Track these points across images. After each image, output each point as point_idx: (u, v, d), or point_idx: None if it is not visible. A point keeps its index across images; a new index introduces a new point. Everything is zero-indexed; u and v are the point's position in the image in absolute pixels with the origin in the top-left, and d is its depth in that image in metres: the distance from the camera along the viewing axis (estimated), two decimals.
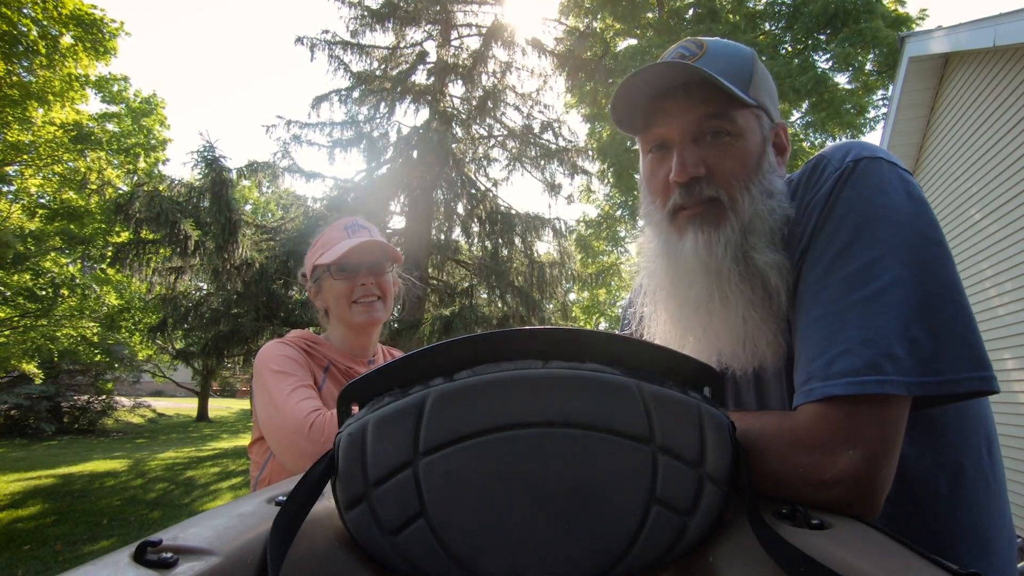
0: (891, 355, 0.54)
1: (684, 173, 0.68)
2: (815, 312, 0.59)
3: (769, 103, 0.73)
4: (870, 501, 0.53)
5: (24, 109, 9.44)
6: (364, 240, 1.26)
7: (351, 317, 1.26)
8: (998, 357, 4.56)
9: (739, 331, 0.67)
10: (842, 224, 0.60)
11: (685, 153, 0.69)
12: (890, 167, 0.62)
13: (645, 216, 0.78)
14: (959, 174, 5.14)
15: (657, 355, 0.50)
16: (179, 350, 13.76)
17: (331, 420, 1.01)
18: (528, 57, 9.96)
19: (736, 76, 0.69)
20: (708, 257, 0.68)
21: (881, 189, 0.60)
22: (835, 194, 0.62)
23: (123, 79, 11.35)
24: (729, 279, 0.67)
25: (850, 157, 0.63)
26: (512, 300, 8.63)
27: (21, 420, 11.98)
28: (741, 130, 0.69)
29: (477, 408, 0.46)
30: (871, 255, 0.58)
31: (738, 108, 0.69)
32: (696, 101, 0.69)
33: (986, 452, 0.67)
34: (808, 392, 0.57)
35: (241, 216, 7.65)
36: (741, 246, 0.67)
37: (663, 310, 0.77)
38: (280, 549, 0.41)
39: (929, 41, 5.20)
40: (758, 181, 0.69)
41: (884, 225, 0.59)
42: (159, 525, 5.51)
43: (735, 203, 0.68)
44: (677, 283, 0.72)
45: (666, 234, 0.73)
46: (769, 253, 0.66)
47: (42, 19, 8.73)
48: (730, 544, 0.47)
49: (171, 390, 25.88)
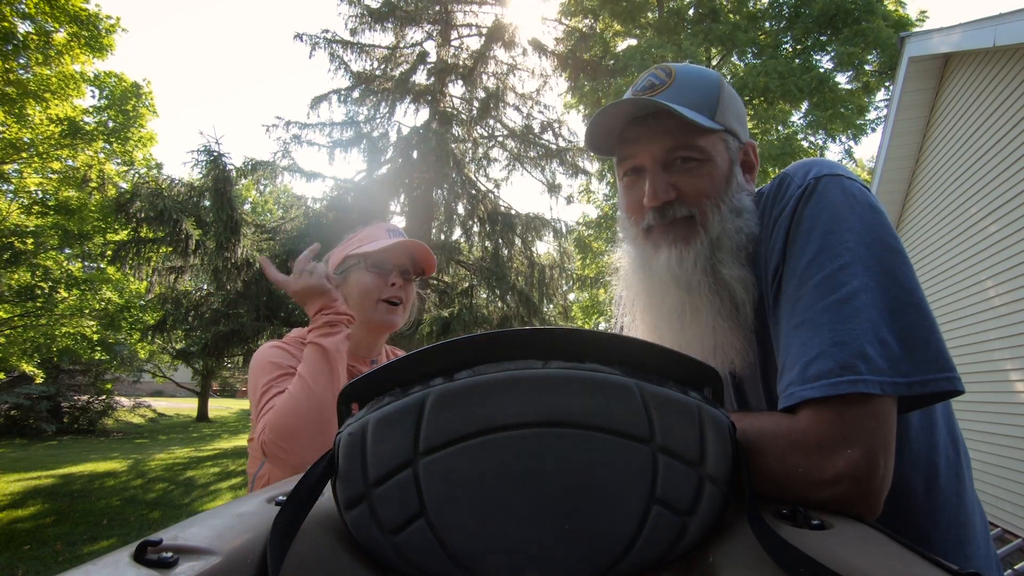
0: (863, 356, 0.56)
1: (656, 199, 0.74)
2: (793, 321, 0.62)
3: (737, 125, 0.78)
4: (870, 500, 0.54)
5: (22, 107, 9.43)
6: (407, 240, 1.26)
7: (373, 314, 1.23)
8: (998, 357, 4.56)
9: (709, 340, 0.72)
10: (809, 237, 0.63)
11: (656, 180, 0.74)
12: (849, 182, 0.66)
13: (622, 231, 0.84)
14: (959, 174, 5.14)
15: (657, 355, 0.50)
16: (179, 350, 13.77)
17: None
18: (528, 57, 9.95)
19: (702, 103, 0.74)
20: (679, 270, 0.73)
21: (842, 202, 0.64)
22: (799, 211, 0.65)
23: (115, 76, 11.34)
24: (699, 291, 0.72)
25: (811, 175, 0.67)
26: (512, 301, 8.63)
27: (21, 420, 11.99)
28: (709, 155, 0.74)
29: (477, 408, 0.46)
30: (838, 263, 0.60)
31: (704, 134, 0.74)
32: (664, 130, 0.74)
33: (953, 451, 0.70)
34: (788, 396, 0.59)
35: (242, 215, 7.65)
36: (710, 260, 0.72)
37: (640, 320, 0.82)
38: (280, 549, 0.41)
39: (929, 41, 5.20)
40: (727, 199, 0.74)
41: (848, 234, 0.62)
42: (159, 525, 5.51)
43: (705, 219, 0.73)
44: (651, 294, 0.77)
45: (641, 248, 0.79)
46: (735, 268, 0.71)
47: (35, 15, 8.71)
48: (730, 544, 0.47)
49: (171, 390, 25.89)
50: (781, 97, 9.28)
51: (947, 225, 5.37)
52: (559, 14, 11.38)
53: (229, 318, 7.56)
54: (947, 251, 5.35)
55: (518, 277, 9.15)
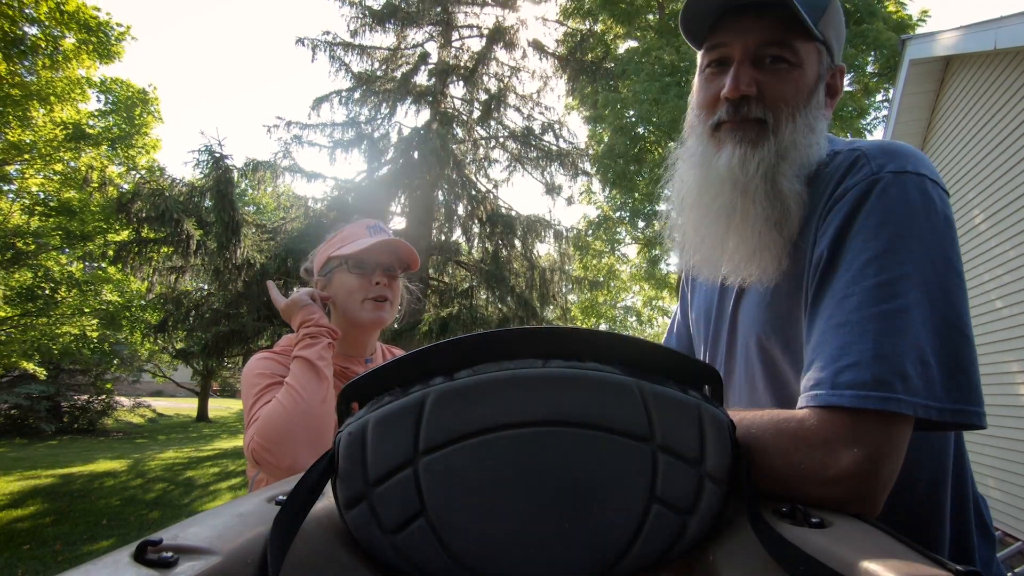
0: (902, 374, 0.54)
1: (736, 90, 0.70)
2: (837, 318, 0.59)
3: (835, 42, 0.74)
4: (871, 500, 0.53)
5: (26, 109, 9.44)
6: (388, 238, 1.26)
7: (359, 314, 1.25)
8: (1001, 360, 4.56)
9: (751, 244, 0.70)
10: (876, 234, 0.60)
11: (740, 71, 0.70)
12: (932, 185, 0.63)
13: (689, 128, 0.79)
14: (960, 176, 5.14)
15: (657, 354, 0.50)
16: (179, 350, 13.78)
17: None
18: (529, 59, 9.97)
19: (811, 5, 0.69)
20: (740, 172, 0.70)
21: (919, 206, 0.61)
22: (872, 200, 0.62)
23: (121, 83, 11.39)
24: (755, 196, 0.69)
25: (892, 166, 0.63)
26: (512, 302, 8.64)
27: (21, 420, 11.98)
28: (801, 61, 0.70)
29: (477, 407, 0.46)
30: (899, 272, 0.58)
31: (802, 39, 0.70)
32: (764, 23, 0.70)
33: (957, 453, 0.70)
34: (813, 396, 0.57)
35: (243, 216, 7.65)
36: (772, 167, 0.69)
37: (686, 218, 0.79)
38: (280, 548, 0.41)
39: (930, 44, 5.20)
40: (804, 113, 0.71)
41: (915, 243, 0.59)
42: (159, 525, 5.51)
43: (778, 127, 0.70)
44: (704, 193, 0.74)
45: (704, 146, 0.75)
46: (796, 183, 0.69)
47: (44, 20, 8.73)
48: (730, 543, 0.47)
49: (171, 390, 25.87)
50: None
51: None
52: (560, 16, 11.39)
53: (230, 318, 7.56)
54: None
55: (518, 278, 9.15)
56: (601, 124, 11.94)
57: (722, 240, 0.73)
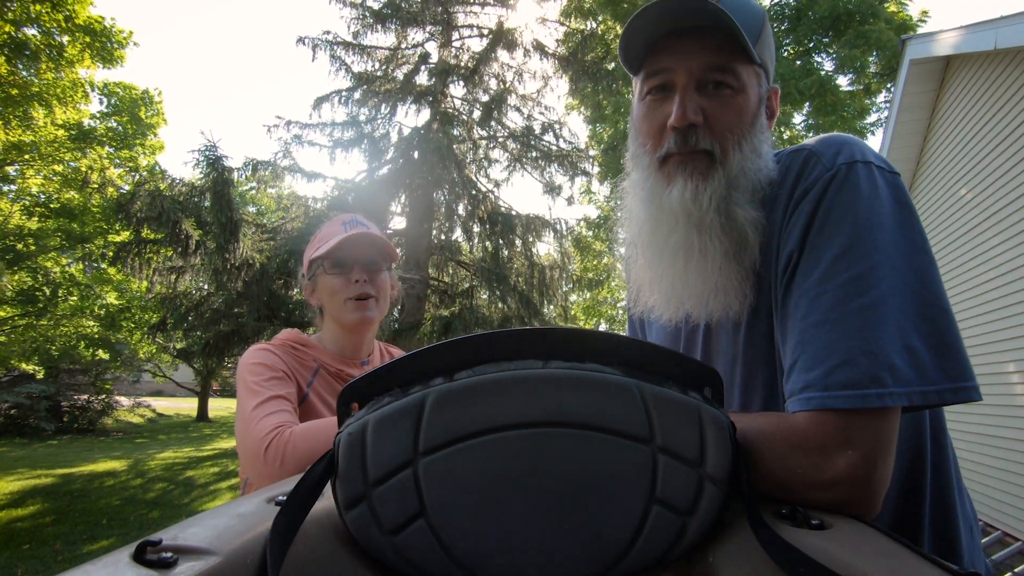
0: (891, 367, 0.54)
1: (683, 118, 0.68)
2: (813, 318, 0.59)
3: (770, 64, 0.74)
4: (869, 500, 0.54)
5: (26, 109, 9.45)
6: (358, 231, 1.21)
7: (343, 315, 1.21)
8: (998, 360, 4.56)
9: (712, 280, 0.69)
10: (838, 230, 0.61)
11: (686, 98, 0.68)
12: (880, 171, 0.63)
13: (633, 159, 0.77)
14: (959, 176, 5.14)
15: (657, 355, 0.50)
16: (179, 350, 13.77)
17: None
18: (530, 59, 9.96)
19: (748, 31, 0.68)
20: (693, 207, 0.68)
21: (874, 195, 0.61)
22: (828, 198, 0.62)
23: (124, 87, 11.43)
24: (710, 230, 0.68)
25: (842, 158, 0.63)
26: (512, 302, 8.63)
27: (21, 419, 11.97)
28: (743, 86, 0.70)
29: (477, 408, 0.46)
30: (868, 263, 0.58)
31: (744, 63, 0.69)
32: (706, 47, 0.68)
33: (938, 445, 0.70)
34: (806, 400, 0.57)
35: (242, 216, 7.65)
36: (725, 199, 0.68)
37: (641, 255, 0.77)
38: (280, 549, 0.41)
39: (930, 44, 5.20)
40: (750, 139, 0.70)
41: (879, 232, 0.59)
42: (158, 525, 5.51)
43: (725, 157, 0.69)
44: (657, 229, 0.72)
45: (653, 180, 0.73)
46: (750, 210, 0.68)
47: (48, 25, 8.73)
48: (730, 544, 0.47)
49: (171, 390, 25.86)
50: (783, 99, 9.29)
51: (948, 227, 5.36)
52: (560, 16, 11.38)
53: (230, 318, 7.56)
54: (948, 252, 5.35)
55: (518, 278, 9.15)
56: (601, 124, 11.94)
57: (682, 278, 0.71)
